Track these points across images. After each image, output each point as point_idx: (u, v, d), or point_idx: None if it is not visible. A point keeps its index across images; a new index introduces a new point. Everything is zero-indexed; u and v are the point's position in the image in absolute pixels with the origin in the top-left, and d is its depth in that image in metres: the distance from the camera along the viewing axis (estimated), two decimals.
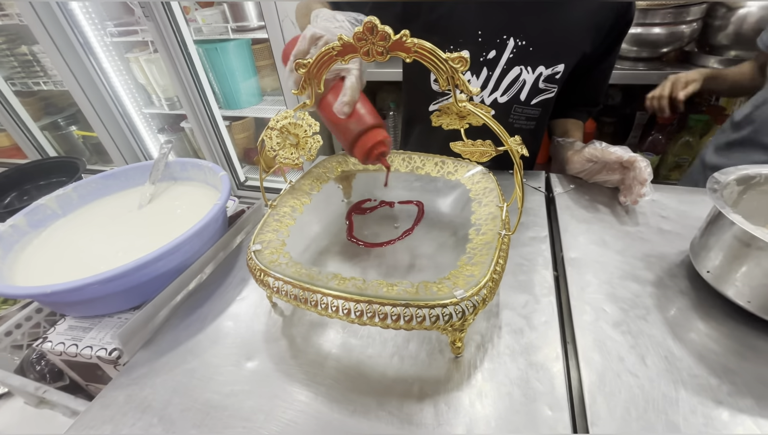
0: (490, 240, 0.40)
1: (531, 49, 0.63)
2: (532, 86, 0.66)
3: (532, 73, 0.65)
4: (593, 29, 0.63)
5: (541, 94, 0.68)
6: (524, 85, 0.66)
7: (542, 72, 0.65)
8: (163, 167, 0.65)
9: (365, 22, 0.31)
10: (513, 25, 0.62)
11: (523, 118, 0.71)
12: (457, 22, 0.64)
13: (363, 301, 0.34)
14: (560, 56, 0.64)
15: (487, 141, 0.37)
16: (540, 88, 0.67)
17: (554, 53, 0.64)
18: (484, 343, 0.41)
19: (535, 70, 0.65)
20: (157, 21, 1.31)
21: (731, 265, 0.40)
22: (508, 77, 0.66)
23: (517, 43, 0.63)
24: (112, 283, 0.43)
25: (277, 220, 0.46)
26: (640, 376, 0.36)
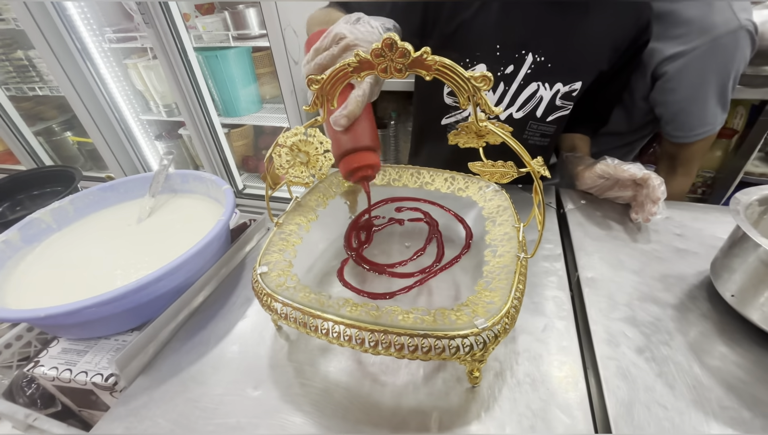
0: (507, 263, 0.39)
1: (549, 65, 0.62)
2: (548, 103, 0.65)
3: (549, 89, 0.64)
4: (611, 47, 0.62)
5: (558, 111, 0.67)
6: (541, 102, 0.65)
7: (560, 89, 0.64)
8: (163, 179, 0.63)
9: (384, 38, 0.30)
10: (532, 41, 0.61)
11: (537, 134, 0.70)
12: (475, 35, 0.63)
13: (378, 331, 0.32)
14: (578, 73, 0.63)
15: (509, 162, 0.36)
16: (557, 105, 0.66)
17: (573, 70, 0.63)
18: (502, 371, 0.39)
19: (553, 86, 0.64)
20: (157, 28, 1.29)
21: (757, 289, 0.39)
22: (525, 93, 0.65)
23: (536, 58, 0.62)
24: (110, 305, 0.41)
25: (283, 238, 0.44)
26: (669, 407, 0.35)
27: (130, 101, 1.70)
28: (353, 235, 0.48)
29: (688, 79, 0.67)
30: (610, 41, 0.62)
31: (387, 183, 0.56)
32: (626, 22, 0.60)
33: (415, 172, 0.56)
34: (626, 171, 0.56)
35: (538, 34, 0.61)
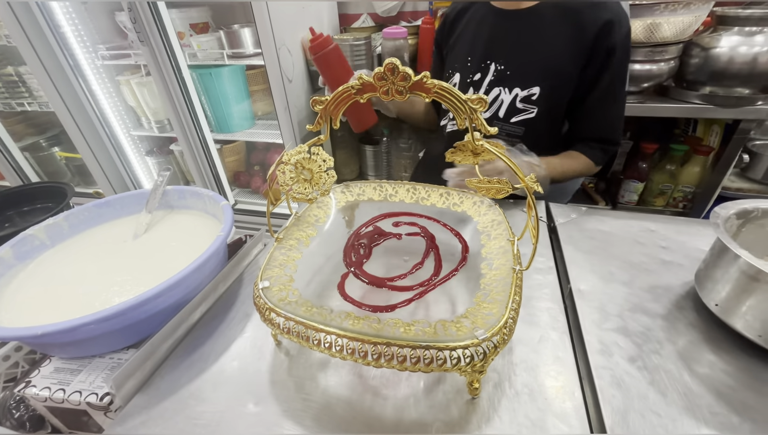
0: (504, 275, 0.40)
1: (508, 72, 0.73)
2: (509, 105, 0.75)
3: (509, 93, 0.74)
4: (573, 56, 0.69)
5: (520, 113, 0.75)
6: (502, 104, 0.76)
7: (518, 93, 0.74)
8: (160, 195, 0.63)
9: (386, 62, 0.31)
10: (495, 52, 0.74)
11: (503, 134, 0.78)
12: (456, 49, 0.79)
13: (381, 343, 0.32)
14: (535, 79, 0.72)
15: (504, 179, 0.38)
16: (518, 108, 0.75)
17: (529, 77, 0.72)
18: (501, 382, 0.40)
19: (512, 90, 0.74)
20: (152, 45, 1.31)
21: (739, 299, 0.41)
22: (490, 97, 0.76)
23: (497, 67, 0.74)
24: (108, 322, 0.40)
25: (284, 253, 0.44)
26: (662, 414, 0.36)
27: (122, 117, 1.69)
28: (352, 249, 0.49)
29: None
30: (571, 48, 0.69)
31: (384, 198, 0.58)
32: (583, 27, 0.67)
33: (411, 188, 0.57)
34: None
35: (499, 47, 0.74)
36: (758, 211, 0.47)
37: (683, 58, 1.08)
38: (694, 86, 1.10)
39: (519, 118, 0.76)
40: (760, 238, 0.47)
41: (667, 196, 1.33)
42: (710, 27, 1.05)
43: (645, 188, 1.35)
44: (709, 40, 1.02)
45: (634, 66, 1.07)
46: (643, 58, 1.05)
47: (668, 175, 1.29)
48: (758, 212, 0.47)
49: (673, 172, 1.28)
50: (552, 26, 0.69)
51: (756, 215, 0.47)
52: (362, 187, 0.58)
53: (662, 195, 1.33)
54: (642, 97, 1.16)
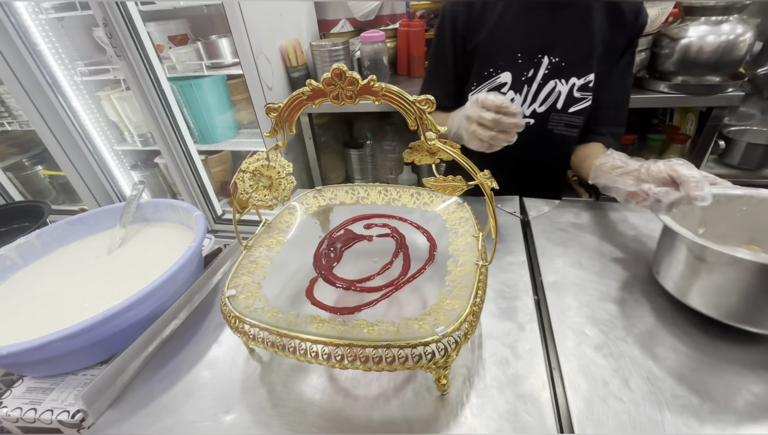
0: (468, 271, 0.41)
1: (563, 64, 0.72)
2: (567, 96, 0.74)
3: (566, 84, 0.73)
4: (612, 43, 0.72)
5: (578, 103, 0.75)
6: (560, 96, 0.74)
7: (575, 82, 0.73)
8: (134, 209, 0.63)
9: (333, 67, 0.32)
10: (547, 45, 0.71)
11: (561, 124, 0.77)
12: (496, 48, 0.73)
13: (343, 345, 0.33)
14: (589, 67, 0.72)
15: (458, 176, 0.38)
16: (576, 97, 0.74)
17: (584, 65, 0.72)
18: (470, 377, 0.40)
19: (569, 81, 0.73)
20: (130, 60, 1.31)
21: (690, 277, 0.42)
22: (545, 90, 0.74)
23: (551, 60, 0.72)
24: (76, 339, 0.40)
25: (253, 261, 0.45)
26: (625, 400, 0.36)
27: (104, 132, 1.69)
28: (323, 253, 0.49)
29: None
30: (612, 35, 0.71)
31: (356, 201, 0.58)
32: (622, 16, 0.70)
33: (383, 190, 0.58)
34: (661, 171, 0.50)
35: (550, 39, 0.71)
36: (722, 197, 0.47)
37: (654, 49, 1.10)
38: (667, 76, 1.12)
39: (578, 108, 0.75)
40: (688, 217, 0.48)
41: None
42: (678, 18, 1.07)
43: None
44: (677, 31, 1.04)
45: None
46: None
47: None
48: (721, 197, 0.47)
49: None
50: (597, 14, 0.70)
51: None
52: (334, 191, 0.59)
53: None
54: None
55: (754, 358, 0.39)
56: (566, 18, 0.70)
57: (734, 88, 1.07)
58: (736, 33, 0.99)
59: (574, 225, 0.64)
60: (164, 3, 1.29)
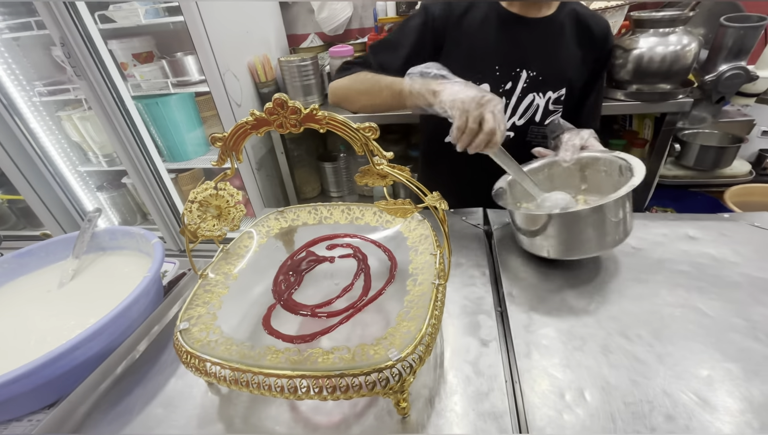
0: (426, 290, 0.41)
1: (541, 78, 0.76)
2: (544, 109, 0.78)
3: (543, 97, 0.77)
4: (584, 60, 0.77)
5: (552, 114, 0.80)
6: (538, 109, 0.78)
7: (551, 96, 0.77)
8: (88, 238, 0.61)
9: (275, 97, 0.32)
10: (525, 59, 0.75)
11: (539, 136, 0.80)
12: (477, 58, 0.75)
13: (297, 377, 0.32)
14: (563, 81, 0.77)
15: (407, 199, 0.39)
16: (550, 110, 0.79)
17: (559, 79, 0.77)
18: (432, 397, 0.40)
19: (545, 94, 0.77)
20: (90, 79, 1.27)
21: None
22: (524, 103, 0.77)
23: (529, 74, 0.75)
24: (18, 384, 0.38)
25: (208, 290, 0.44)
26: (580, 412, 0.37)
27: (66, 153, 1.62)
28: (282, 278, 0.49)
29: None
30: (583, 52, 0.77)
31: (319, 221, 0.58)
32: (592, 34, 0.76)
33: (346, 209, 0.58)
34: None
35: (529, 54, 0.75)
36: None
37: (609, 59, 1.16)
38: (622, 85, 1.17)
39: (550, 120, 0.80)
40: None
41: None
42: (629, 30, 1.13)
43: None
44: (629, 42, 1.10)
45: None
46: None
47: None
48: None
49: None
50: (569, 33, 0.75)
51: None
52: (296, 211, 0.58)
53: None
54: None
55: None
56: (542, 34, 0.74)
57: (684, 94, 1.13)
58: (683, 43, 1.05)
59: None
60: (126, 20, 1.27)
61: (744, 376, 0.39)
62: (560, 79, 0.77)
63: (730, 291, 0.50)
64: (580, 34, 0.76)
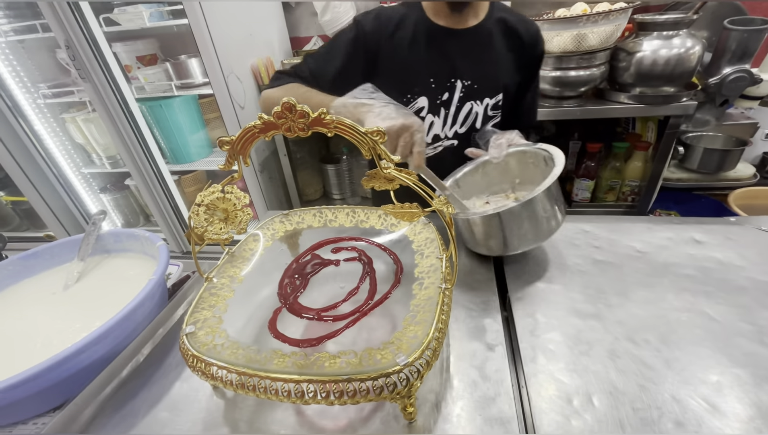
0: (432, 294, 0.41)
1: (476, 86, 0.78)
2: (483, 115, 0.80)
3: (480, 104, 0.79)
4: (517, 61, 0.79)
5: (491, 120, 0.82)
6: (477, 116, 0.80)
7: (488, 102, 0.79)
8: (93, 241, 0.61)
9: (283, 101, 0.32)
10: (459, 70, 0.76)
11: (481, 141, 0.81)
12: (411, 73, 0.76)
13: (303, 381, 0.32)
14: (498, 88, 0.79)
15: (414, 203, 0.39)
16: (489, 115, 0.81)
17: (494, 86, 0.79)
18: (438, 402, 0.40)
19: (483, 102, 0.79)
20: (95, 81, 1.27)
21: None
22: (463, 111, 0.80)
23: (464, 83, 0.77)
24: (23, 387, 0.38)
25: (214, 293, 0.43)
26: (588, 418, 0.37)
27: (70, 155, 1.63)
28: (288, 282, 0.49)
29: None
30: (515, 57, 0.78)
31: (323, 224, 0.58)
32: (521, 39, 0.78)
33: (351, 212, 0.58)
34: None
35: (461, 65, 0.76)
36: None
37: (612, 62, 1.16)
38: (626, 88, 1.17)
39: (491, 124, 0.82)
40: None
41: (617, 192, 1.40)
42: (633, 33, 1.13)
43: (596, 185, 1.41)
44: (632, 45, 1.10)
45: (569, 73, 1.13)
46: (575, 66, 1.11)
47: (615, 172, 1.36)
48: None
49: (618, 169, 1.35)
50: (498, 40, 0.77)
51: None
52: (301, 214, 0.58)
53: (612, 190, 1.39)
54: (581, 101, 1.22)
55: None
56: (471, 44, 0.75)
57: (688, 97, 1.13)
58: (686, 46, 1.05)
59: None
60: (131, 23, 1.27)
61: (753, 382, 0.39)
62: (495, 85, 0.79)
63: (736, 295, 0.49)
64: (509, 40, 0.77)
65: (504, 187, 0.71)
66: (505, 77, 0.79)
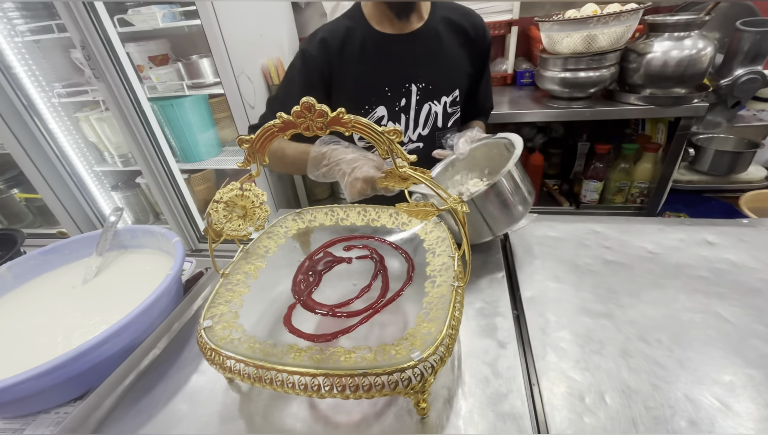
0: (444, 292, 0.41)
1: (431, 87, 0.79)
2: (443, 113, 0.82)
3: (439, 104, 0.81)
4: (468, 55, 0.81)
5: (452, 116, 0.84)
6: (437, 115, 0.82)
7: (446, 100, 0.81)
8: (111, 236, 0.62)
9: (302, 101, 0.33)
10: (411, 74, 0.77)
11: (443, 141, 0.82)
12: (364, 85, 0.77)
13: (320, 375, 0.33)
14: (454, 84, 0.81)
15: (430, 202, 0.39)
16: (449, 113, 0.83)
17: (449, 84, 0.80)
18: (450, 398, 0.40)
19: (440, 101, 0.80)
20: (108, 81, 1.30)
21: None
22: (423, 113, 0.81)
23: (419, 86, 0.78)
24: (47, 377, 0.39)
25: (230, 289, 0.44)
26: (600, 415, 0.37)
27: (83, 153, 1.66)
28: (301, 278, 0.49)
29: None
30: (464, 51, 0.80)
31: (335, 223, 0.58)
32: (468, 34, 0.79)
33: (362, 211, 0.59)
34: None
35: (413, 69, 0.77)
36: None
37: (622, 63, 1.15)
38: (636, 89, 1.16)
39: (452, 121, 0.84)
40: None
41: (625, 193, 1.39)
42: (643, 34, 1.12)
43: (604, 187, 1.41)
44: (643, 46, 1.09)
45: (579, 74, 1.13)
46: (585, 67, 1.11)
47: (624, 173, 1.35)
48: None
49: (627, 170, 1.35)
50: (446, 38, 0.78)
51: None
52: (314, 213, 0.59)
53: (620, 192, 1.39)
54: (590, 102, 1.22)
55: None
56: (419, 46, 0.76)
57: (699, 99, 1.12)
58: (698, 47, 1.04)
59: (550, 238, 0.65)
60: (144, 24, 1.29)
61: (767, 383, 0.39)
62: (449, 83, 0.80)
63: (750, 297, 0.49)
64: (457, 35, 0.78)
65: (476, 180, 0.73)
66: (458, 73, 0.81)
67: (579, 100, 1.21)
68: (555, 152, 1.56)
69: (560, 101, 1.23)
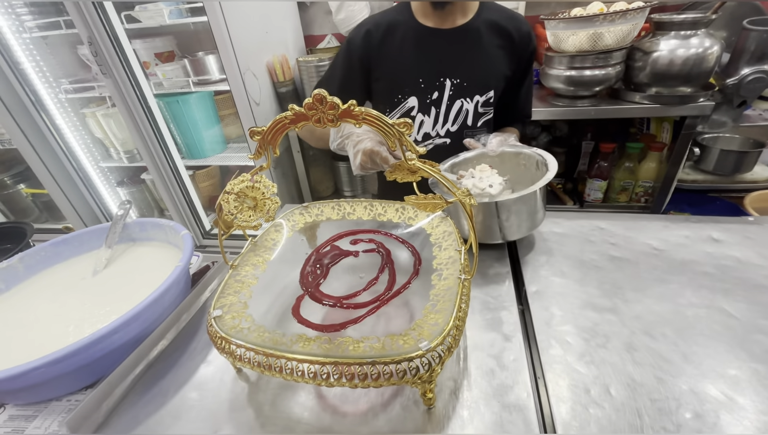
0: (451, 285, 0.42)
1: (465, 84, 0.79)
2: (474, 112, 0.82)
3: (471, 102, 0.81)
4: (508, 58, 0.80)
5: (483, 116, 0.84)
6: (468, 113, 0.82)
7: (479, 99, 0.81)
8: (120, 229, 0.63)
9: (314, 93, 0.33)
10: (447, 69, 0.78)
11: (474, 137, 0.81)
12: (400, 75, 0.79)
13: (329, 363, 0.33)
14: (489, 84, 0.81)
15: (438, 194, 0.39)
16: (480, 112, 0.83)
17: (484, 83, 0.80)
18: (457, 389, 0.41)
19: (473, 99, 0.81)
20: (115, 77, 1.31)
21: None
22: (454, 109, 0.81)
23: (453, 81, 0.79)
24: (60, 365, 0.40)
25: (239, 280, 0.45)
26: (606, 407, 0.37)
27: (89, 149, 1.67)
28: (309, 270, 0.50)
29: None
30: (505, 54, 0.80)
31: (342, 217, 0.59)
32: (512, 37, 0.79)
33: (368, 205, 0.59)
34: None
35: (449, 64, 0.78)
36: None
37: (628, 62, 1.15)
38: (641, 88, 1.16)
39: (483, 121, 0.85)
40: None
41: (629, 192, 1.39)
42: (650, 32, 1.12)
43: (608, 186, 1.41)
44: (649, 45, 1.09)
45: (584, 72, 1.13)
46: (591, 65, 1.11)
47: (628, 172, 1.35)
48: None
49: (632, 169, 1.34)
50: (487, 38, 0.78)
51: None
52: (320, 207, 0.59)
53: (624, 191, 1.38)
54: (595, 101, 1.22)
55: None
56: (459, 43, 0.77)
57: (705, 98, 1.11)
58: (704, 46, 1.04)
59: (555, 234, 0.65)
60: (151, 20, 1.30)
61: None
62: (484, 83, 0.80)
63: (756, 293, 0.50)
64: (499, 37, 0.79)
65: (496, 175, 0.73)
66: (495, 74, 0.81)
67: (584, 99, 1.21)
68: (559, 151, 1.56)
69: (565, 99, 1.23)
